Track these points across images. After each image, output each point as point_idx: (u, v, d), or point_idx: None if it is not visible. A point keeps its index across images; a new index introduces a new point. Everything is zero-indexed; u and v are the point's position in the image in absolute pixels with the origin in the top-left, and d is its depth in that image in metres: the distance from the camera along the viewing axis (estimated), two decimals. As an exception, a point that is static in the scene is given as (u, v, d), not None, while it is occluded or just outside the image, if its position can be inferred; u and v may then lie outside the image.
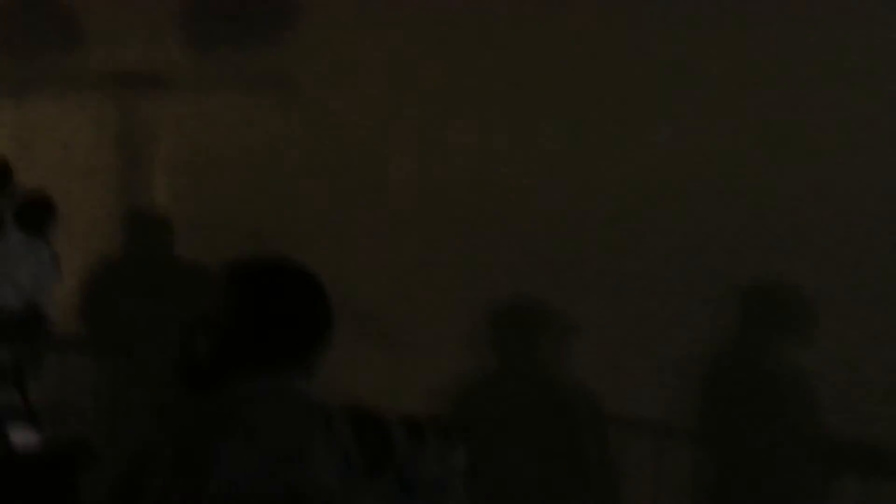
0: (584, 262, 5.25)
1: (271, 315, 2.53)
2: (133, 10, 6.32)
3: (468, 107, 5.56)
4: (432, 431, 2.56)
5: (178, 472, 2.37)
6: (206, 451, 2.39)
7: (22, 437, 3.47)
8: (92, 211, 6.41)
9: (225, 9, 6.16)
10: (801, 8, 4.91)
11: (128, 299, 6.34)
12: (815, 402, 4.87)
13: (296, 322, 2.55)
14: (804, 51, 4.93)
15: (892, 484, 4.77)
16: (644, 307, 5.17)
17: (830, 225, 4.88)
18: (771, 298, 4.99)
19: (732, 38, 5.05)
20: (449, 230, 5.56)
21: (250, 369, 2.51)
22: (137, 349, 6.01)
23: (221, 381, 2.52)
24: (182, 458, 2.38)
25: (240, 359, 2.52)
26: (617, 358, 5.19)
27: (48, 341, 5.93)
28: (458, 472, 2.58)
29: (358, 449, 2.47)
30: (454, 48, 5.61)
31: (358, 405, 2.59)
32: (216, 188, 6.11)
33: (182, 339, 2.57)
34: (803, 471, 4.91)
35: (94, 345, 6.17)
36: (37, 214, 6.00)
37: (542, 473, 5.25)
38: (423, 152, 5.66)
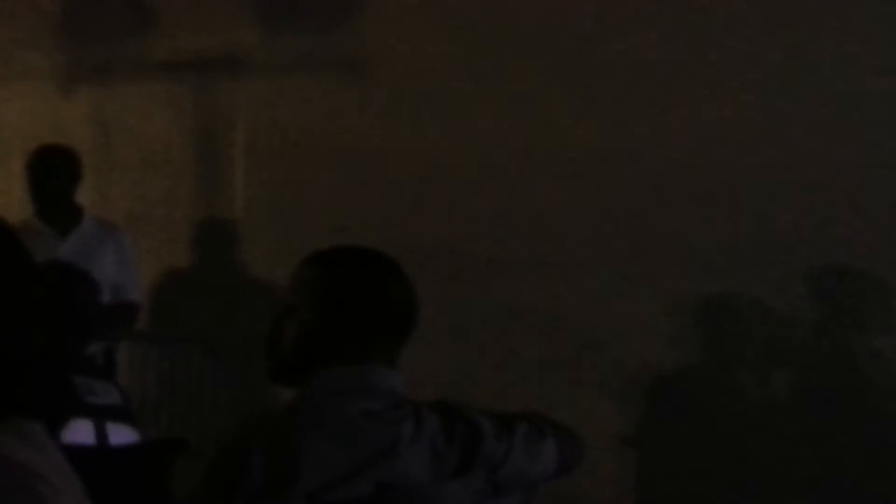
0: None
1: (357, 306, 2.51)
2: (208, -8, 6.34)
3: (571, 89, 5.49)
4: (522, 425, 2.54)
5: (267, 469, 2.36)
6: (294, 447, 2.38)
7: (119, 433, 3.49)
8: (170, 197, 6.42)
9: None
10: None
11: (213, 294, 6.34)
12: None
13: (379, 313, 2.53)
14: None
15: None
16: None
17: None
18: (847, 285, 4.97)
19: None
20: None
21: (336, 362, 2.50)
22: (224, 342, 6.02)
23: (309, 374, 2.51)
24: (272, 454, 2.38)
25: (326, 351, 2.50)
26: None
27: (137, 334, 5.94)
28: (549, 466, 2.56)
29: (446, 443, 2.45)
30: (539, 25, 5.55)
31: (445, 399, 2.57)
32: (296, 176, 6.09)
33: (269, 333, 2.57)
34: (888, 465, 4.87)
35: (179, 339, 6.19)
36: None
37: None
38: (514, 137, 5.59)
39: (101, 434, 3.41)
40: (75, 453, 1.85)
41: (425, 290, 2.70)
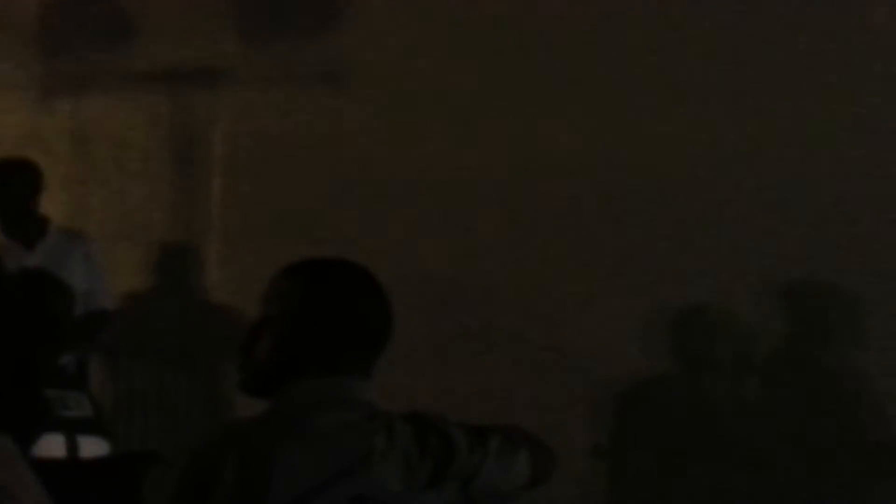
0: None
1: (330, 317, 2.51)
2: (187, 4, 6.33)
3: (548, 97, 5.51)
4: (495, 437, 2.54)
5: (239, 480, 2.36)
6: (266, 459, 2.38)
7: (90, 445, 3.47)
8: (147, 209, 6.42)
9: (279, 1, 6.16)
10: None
11: (188, 305, 6.33)
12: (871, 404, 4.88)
13: (355, 323, 2.53)
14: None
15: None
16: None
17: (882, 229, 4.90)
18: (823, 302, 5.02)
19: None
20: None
21: (310, 373, 2.49)
22: (198, 355, 6.02)
23: (282, 386, 2.50)
24: (244, 464, 2.37)
25: (301, 362, 2.50)
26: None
27: (109, 345, 5.91)
28: (522, 478, 2.56)
29: (420, 456, 2.45)
30: (514, 30, 5.57)
31: (418, 411, 2.57)
32: (275, 187, 6.10)
33: (243, 344, 2.56)
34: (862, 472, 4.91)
35: (154, 351, 6.18)
36: None
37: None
38: (486, 145, 5.61)
39: (72, 447, 3.39)
40: (46, 467, 1.84)
41: (401, 302, 2.70)
